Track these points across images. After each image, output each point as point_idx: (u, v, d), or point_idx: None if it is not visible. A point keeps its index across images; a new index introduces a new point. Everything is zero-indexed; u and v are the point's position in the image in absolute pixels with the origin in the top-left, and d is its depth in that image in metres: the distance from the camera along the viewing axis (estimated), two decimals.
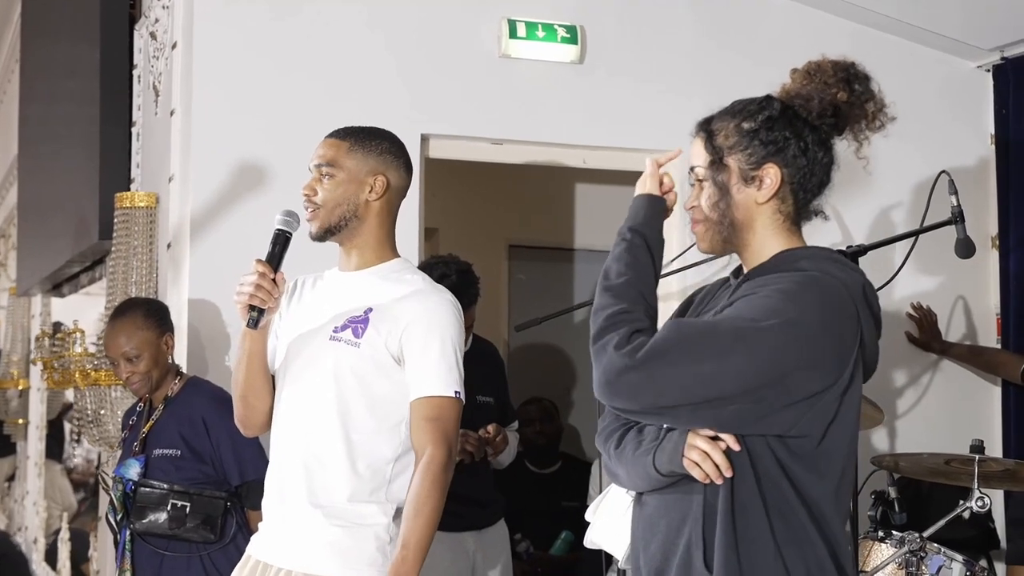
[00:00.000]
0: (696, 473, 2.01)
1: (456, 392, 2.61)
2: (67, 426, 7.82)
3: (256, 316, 2.59)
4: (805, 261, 2.11)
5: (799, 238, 2.20)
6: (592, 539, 2.28)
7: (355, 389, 2.60)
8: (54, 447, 7.28)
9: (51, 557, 6.64)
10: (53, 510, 7.11)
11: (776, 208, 2.16)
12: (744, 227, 2.16)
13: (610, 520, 2.23)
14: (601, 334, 2.07)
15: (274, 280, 2.58)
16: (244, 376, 2.72)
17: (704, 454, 2.00)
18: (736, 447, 2.01)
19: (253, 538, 2.73)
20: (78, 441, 7.80)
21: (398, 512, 2.62)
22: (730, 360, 1.95)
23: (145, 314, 3.55)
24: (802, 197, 2.17)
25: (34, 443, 7.20)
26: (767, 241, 2.16)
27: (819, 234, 2.28)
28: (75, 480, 8.19)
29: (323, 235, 2.68)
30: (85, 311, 6.38)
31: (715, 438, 2.03)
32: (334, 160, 2.67)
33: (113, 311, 3.67)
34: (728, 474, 2.00)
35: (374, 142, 2.71)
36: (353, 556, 2.56)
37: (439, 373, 2.60)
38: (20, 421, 7.36)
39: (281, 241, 2.63)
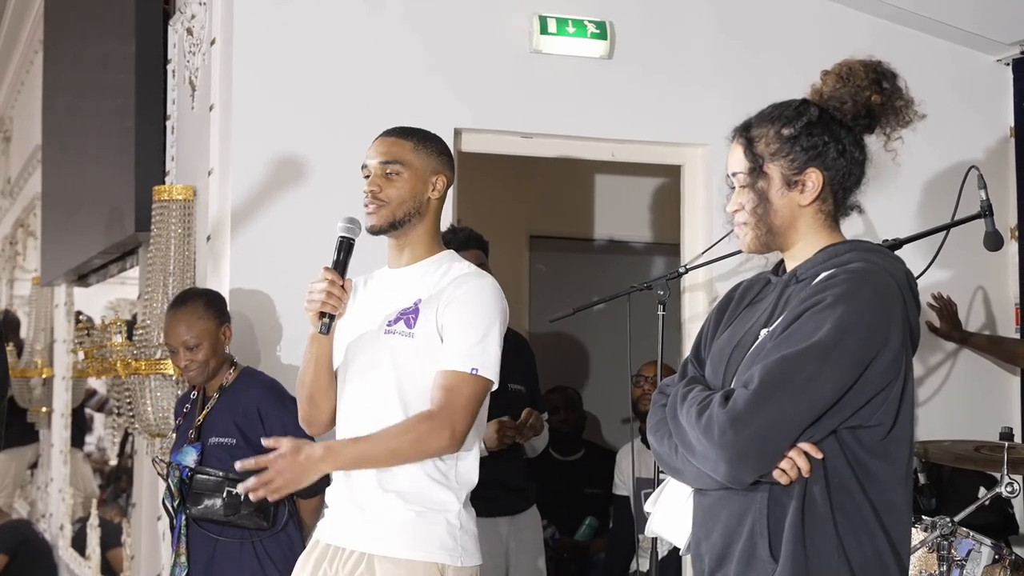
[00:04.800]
0: (783, 480, 2.11)
1: (473, 369, 2.63)
2: (87, 412, 7.88)
3: (328, 322, 2.70)
4: (851, 254, 2.22)
5: (839, 233, 2.31)
6: (653, 529, 2.38)
7: (415, 378, 2.68)
8: (76, 435, 7.34)
9: (77, 543, 6.72)
10: (76, 497, 7.18)
11: (818, 208, 2.27)
12: (787, 228, 2.27)
13: (670, 510, 2.33)
14: (691, 407, 2.16)
15: (343, 286, 2.68)
16: (312, 378, 2.80)
17: (791, 461, 2.11)
18: (819, 455, 2.11)
19: (320, 524, 2.81)
20: (91, 429, 7.86)
21: (467, 498, 2.71)
22: (823, 380, 2.07)
23: (206, 304, 3.63)
24: (841, 196, 2.29)
25: (59, 431, 7.27)
26: (810, 239, 2.28)
27: (843, 227, 2.38)
28: (92, 467, 8.25)
29: (386, 230, 2.75)
30: (108, 301, 6.45)
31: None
32: (401, 158, 2.74)
33: (173, 300, 3.75)
34: (807, 475, 2.11)
35: (432, 143, 2.81)
36: (423, 538, 2.63)
37: (462, 348, 2.65)
38: (44, 409, 7.43)
39: (345, 248, 2.72)
